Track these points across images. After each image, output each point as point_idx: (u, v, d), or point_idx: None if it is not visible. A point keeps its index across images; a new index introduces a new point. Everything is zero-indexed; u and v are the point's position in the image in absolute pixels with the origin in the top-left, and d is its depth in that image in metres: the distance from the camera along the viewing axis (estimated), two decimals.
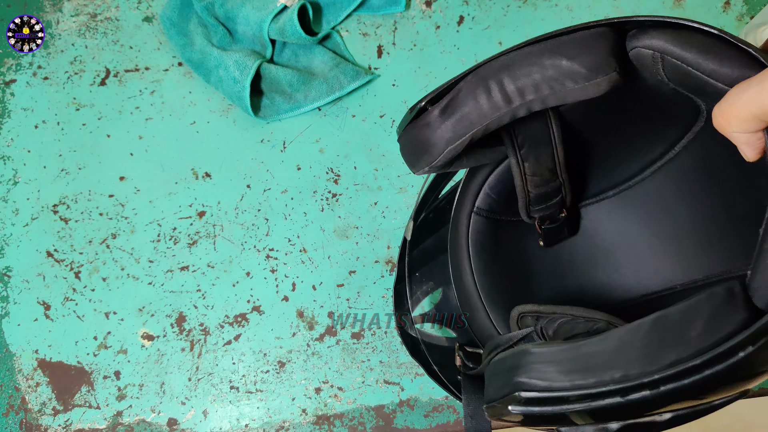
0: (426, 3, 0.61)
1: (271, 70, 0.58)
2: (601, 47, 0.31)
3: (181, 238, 0.56)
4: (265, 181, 0.57)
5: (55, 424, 0.53)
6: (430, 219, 0.48)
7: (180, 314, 0.55)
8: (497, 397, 0.29)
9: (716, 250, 0.40)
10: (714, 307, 0.25)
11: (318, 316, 0.54)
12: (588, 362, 0.26)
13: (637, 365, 0.25)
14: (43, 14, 0.62)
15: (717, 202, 0.39)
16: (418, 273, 0.50)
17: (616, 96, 0.32)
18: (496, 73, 0.32)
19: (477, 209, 0.42)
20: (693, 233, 0.41)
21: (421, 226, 0.47)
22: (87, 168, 0.58)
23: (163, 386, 0.53)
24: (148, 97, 0.59)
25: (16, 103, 0.59)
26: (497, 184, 0.42)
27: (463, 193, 0.43)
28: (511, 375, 0.28)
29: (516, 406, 0.27)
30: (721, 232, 0.39)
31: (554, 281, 0.47)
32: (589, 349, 0.26)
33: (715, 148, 0.36)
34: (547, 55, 0.31)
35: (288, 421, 0.53)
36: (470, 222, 0.42)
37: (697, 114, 0.35)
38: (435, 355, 0.46)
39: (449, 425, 0.52)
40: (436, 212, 0.48)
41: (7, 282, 0.56)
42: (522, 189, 0.39)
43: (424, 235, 0.48)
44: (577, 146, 0.40)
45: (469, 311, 0.43)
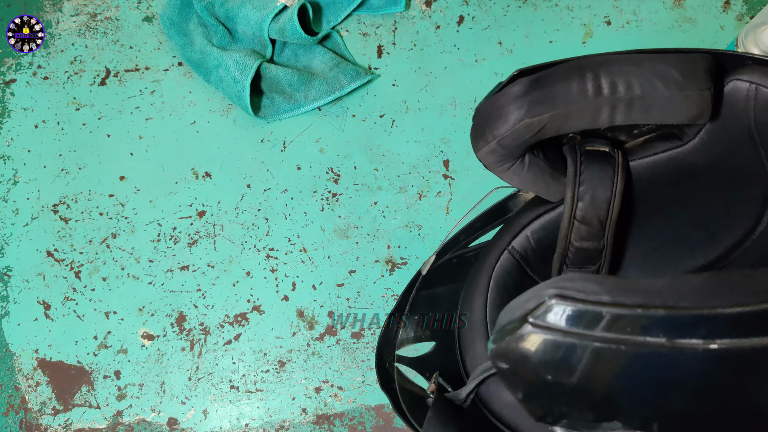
0: (426, 3, 0.61)
1: (271, 70, 0.58)
2: (701, 65, 0.31)
3: (181, 238, 0.56)
4: (265, 180, 0.57)
5: (55, 423, 0.53)
6: (452, 264, 0.47)
7: (180, 314, 0.55)
8: (516, 317, 0.25)
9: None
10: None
11: (318, 316, 0.54)
12: (635, 286, 0.23)
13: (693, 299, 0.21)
14: (43, 14, 0.62)
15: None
16: (417, 315, 0.48)
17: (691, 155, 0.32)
18: (594, 65, 0.32)
19: (511, 248, 0.41)
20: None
21: (439, 267, 0.46)
22: (87, 168, 0.58)
23: (163, 386, 0.53)
24: (148, 97, 0.59)
25: (16, 102, 0.59)
26: (539, 231, 0.41)
27: (501, 234, 0.42)
28: (540, 290, 0.24)
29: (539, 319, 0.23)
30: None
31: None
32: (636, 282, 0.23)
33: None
34: (648, 59, 0.31)
35: (288, 421, 0.53)
36: (500, 258, 0.41)
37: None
38: (406, 398, 0.45)
39: None
40: (460, 260, 0.47)
41: (7, 282, 0.56)
42: (565, 236, 0.38)
43: (438, 279, 0.47)
44: (633, 212, 0.39)
45: (469, 340, 0.42)
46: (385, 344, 0.46)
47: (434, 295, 0.47)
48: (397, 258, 0.55)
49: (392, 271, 0.55)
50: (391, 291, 0.54)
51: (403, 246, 0.55)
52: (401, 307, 0.46)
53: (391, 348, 0.46)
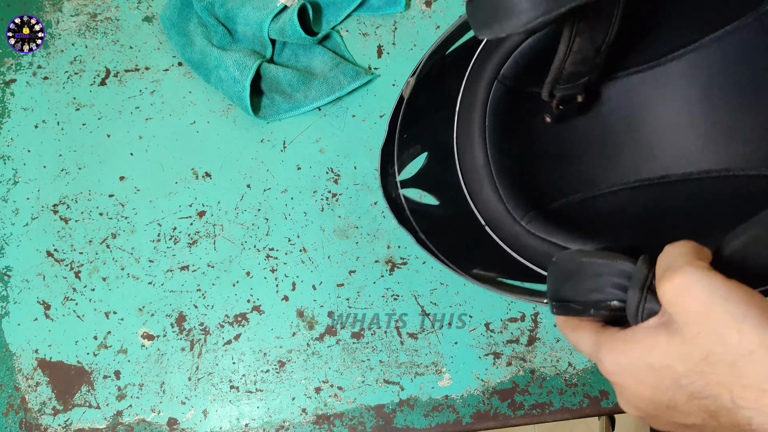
0: (426, 3, 0.61)
1: (271, 70, 0.58)
2: None
3: (181, 238, 0.56)
4: (265, 180, 0.57)
5: (55, 423, 0.53)
6: (433, 76, 0.44)
7: (180, 314, 0.55)
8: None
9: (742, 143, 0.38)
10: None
11: (318, 316, 0.54)
12: None
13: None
14: (43, 14, 0.62)
15: (754, 100, 0.37)
16: (406, 134, 0.46)
17: None
18: None
19: (502, 77, 0.39)
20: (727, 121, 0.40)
21: (420, 84, 0.43)
22: (87, 168, 0.58)
23: (163, 386, 0.53)
24: (148, 97, 0.59)
25: (16, 103, 0.59)
26: (529, 53, 0.38)
27: (486, 58, 0.39)
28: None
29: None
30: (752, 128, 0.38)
31: (569, 161, 0.45)
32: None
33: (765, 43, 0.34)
34: None
35: (288, 421, 0.53)
36: (492, 90, 0.39)
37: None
38: (421, 223, 0.44)
39: (449, 425, 0.52)
40: (441, 69, 0.44)
41: (7, 282, 0.56)
42: (559, 65, 0.35)
43: (420, 93, 0.44)
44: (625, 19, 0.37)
45: (475, 184, 0.40)
46: (386, 178, 0.45)
47: (417, 108, 0.45)
48: (397, 258, 0.55)
49: (392, 271, 0.55)
50: (391, 291, 0.54)
51: (403, 246, 0.55)
52: (391, 137, 0.44)
53: (392, 178, 0.45)
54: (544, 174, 0.44)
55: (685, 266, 0.25)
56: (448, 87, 0.42)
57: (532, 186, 0.41)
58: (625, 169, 0.43)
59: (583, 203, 0.44)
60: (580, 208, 0.44)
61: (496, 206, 0.40)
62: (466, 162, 0.40)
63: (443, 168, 0.46)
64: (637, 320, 0.27)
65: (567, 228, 0.37)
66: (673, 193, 0.42)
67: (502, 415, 0.52)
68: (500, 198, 0.39)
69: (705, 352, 0.24)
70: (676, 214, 0.41)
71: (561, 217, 0.39)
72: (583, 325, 0.30)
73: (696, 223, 0.39)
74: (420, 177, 0.48)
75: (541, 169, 0.44)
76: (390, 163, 0.45)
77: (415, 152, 0.48)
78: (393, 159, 0.45)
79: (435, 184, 0.48)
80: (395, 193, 0.45)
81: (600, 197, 0.44)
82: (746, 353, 0.23)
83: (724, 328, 0.23)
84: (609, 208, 0.43)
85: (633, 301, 0.27)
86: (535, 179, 0.43)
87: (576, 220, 0.41)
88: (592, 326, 0.30)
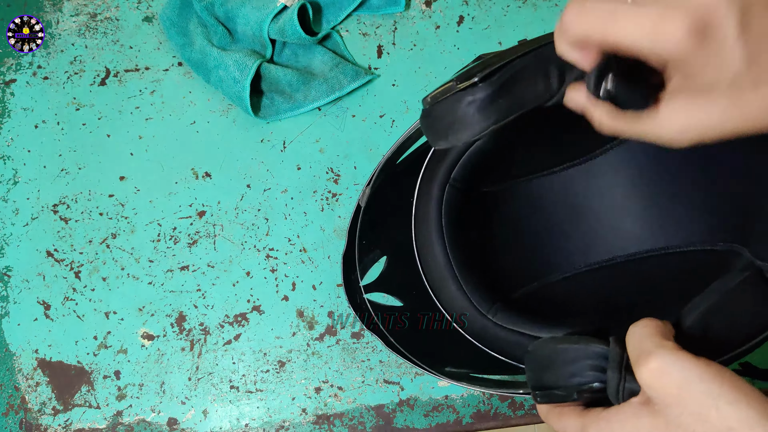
0: (426, 3, 0.61)
1: (271, 70, 0.58)
2: None
3: (181, 238, 0.56)
4: (265, 180, 0.57)
5: (55, 423, 0.53)
6: (386, 183, 0.47)
7: (180, 314, 0.55)
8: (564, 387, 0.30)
9: (698, 221, 0.41)
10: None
11: (318, 316, 0.54)
12: None
13: None
14: (43, 14, 0.62)
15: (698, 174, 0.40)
16: (365, 240, 0.48)
17: None
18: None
19: (453, 180, 0.41)
20: (658, 205, 0.43)
21: (374, 193, 0.46)
22: (87, 168, 0.58)
23: (163, 386, 0.53)
24: (148, 97, 0.59)
25: (16, 103, 0.59)
26: (474, 157, 0.41)
27: (437, 163, 0.41)
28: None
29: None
30: (704, 203, 0.41)
31: (522, 251, 0.47)
32: None
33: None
34: None
35: (288, 421, 0.53)
36: (444, 194, 0.41)
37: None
38: (388, 326, 0.46)
39: (449, 425, 0.52)
40: (394, 176, 0.47)
41: (7, 282, 0.56)
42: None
43: (375, 199, 0.47)
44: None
45: (439, 282, 0.42)
46: (349, 285, 0.47)
47: (372, 216, 0.47)
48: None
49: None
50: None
51: None
52: (351, 244, 0.46)
53: (356, 284, 0.47)
54: (502, 265, 0.47)
55: (656, 350, 0.26)
56: (400, 190, 0.44)
57: (493, 278, 0.43)
58: (575, 256, 0.47)
59: (541, 291, 0.47)
60: (540, 296, 0.46)
61: (462, 302, 0.41)
62: (427, 262, 0.42)
63: (403, 269, 0.47)
64: (618, 399, 0.28)
65: (531, 317, 0.39)
66: (622, 273, 0.46)
67: (502, 415, 0.52)
68: (465, 294, 0.41)
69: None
70: (629, 293, 0.44)
71: (524, 306, 0.41)
72: (566, 411, 0.31)
73: (648, 299, 0.42)
74: (382, 280, 0.50)
75: (498, 260, 0.47)
76: (352, 270, 0.47)
77: (375, 257, 0.50)
78: (355, 265, 0.46)
79: (397, 286, 0.50)
80: (360, 298, 0.47)
81: (556, 284, 0.47)
82: (726, 430, 0.24)
83: (702, 408, 0.24)
84: (566, 294, 0.46)
85: (613, 382, 0.28)
86: (494, 271, 0.44)
87: (538, 308, 0.44)
88: (575, 410, 0.31)
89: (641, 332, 0.28)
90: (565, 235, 0.47)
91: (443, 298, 0.41)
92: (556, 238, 0.47)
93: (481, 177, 0.42)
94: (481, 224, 0.46)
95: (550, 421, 0.32)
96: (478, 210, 0.46)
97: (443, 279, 0.41)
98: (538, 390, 0.31)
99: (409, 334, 0.45)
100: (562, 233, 0.47)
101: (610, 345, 0.29)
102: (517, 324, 0.38)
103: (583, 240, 0.47)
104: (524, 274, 0.47)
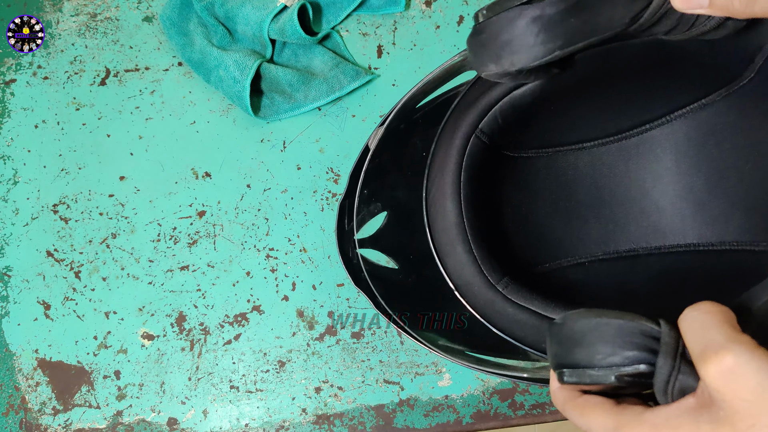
0: (426, 3, 0.61)
1: (271, 69, 0.58)
2: None
3: (181, 238, 0.56)
4: (265, 180, 0.57)
5: (55, 423, 0.53)
6: (401, 130, 0.42)
7: (180, 314, 0.55)
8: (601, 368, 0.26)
9: (737, 218, 0.38)
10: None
11: (318, 316, 0.54)
12: None
13: None
14: (43, 14, 0.62)
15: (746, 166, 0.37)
16: (366, 190, 0.43)
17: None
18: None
19: (480, 131, 0.36)
20: (693, 197, 0.39)
21: (387, 136, 0.40)
22: (87, 168, 0.58)
23: (163, 386, 0.53)
24: (148, 96, 0.59)
25: (16, 103, 0.59)
26: (509, 110, 0.36)
27: (464, 111, 0.37)
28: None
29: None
30: (746, 199, 0.37)
31: (535, 229, 0.43)
32: None
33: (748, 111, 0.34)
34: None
35: (288, 421, 0.53)
36: (468, 143, 0.36)
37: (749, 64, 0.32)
38: (379, 288, 0.41)
39: (449, 425, 0.52)
40: (409, 124, 0.42)
41: (7, 282, 0.56)
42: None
43: (385, 146, 0.42)
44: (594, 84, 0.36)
45: (447, 245, 0.36)
46: (342, 235, 0.42)
47: (381, 164, 0.43)
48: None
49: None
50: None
51: None
52: (351, 191, 0.42)
53: (349, 236, 0.42)
54: (516, 238, 0.43)
55: (730, 344, 0.22)
56: (413, 145, 0.40)
57: (506, 249, 0.39)
58: (591, 243, 0.43)
59: (555, 272, 0.43)
60: (553, 277, 0.43)
61: (469, 269, 0.36)
62: (435, 220, 0.37)
63: (404, 231, 0.44)
64: (667, 393, 0.24)
65: (544, 295, 0.35)
66: (644, 266, 0.41)
67: (502, 415, 0.52)
68: (474, 260, 0.36)
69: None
70: (649, 286, 0.40)
71: (536, 284, 0.37)
72: (592, 403, 0.26)
73: (671, 293, 0.39)
74: (378, 238, 0.45)
75: (511, 234, 0.43)
76: (349, 219, 0.42)
77: (375, 210, 0.45)
78: (352, 214, 0.42)
79: (394, 247, 0.45)
80: (352, 251, 0.43)
81: (569, 268, 0.43)
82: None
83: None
84: (581, 279, 0.43)
85: (664, 370, 0.24)
86: (508, 242, 0.41)
87: (551, 288, 0.39)
88: (604, 404, 0.25)
89: (706, 319, 0.23)
90: (583, 220, 0.43)
91: (449, 263, 0.36)
92: (573, 221, 0.43)
93: (510, 134, 0.38)
94: (499, 191, 0.42)
95: (570, 413, 0.27)
96: (500, 175, 0.41)
97: (452, 241, 0.36)
98: (567, 368, 0.26)
99: (400, 301, 0.40)
100: (580, 217, 0.43)
101: (662, 326, 0.25)
102: (528, 300, 0.34)
103: (603, 227, 0.42)
104: (537, 253, 0.43)
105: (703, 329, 0.23)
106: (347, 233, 0.43)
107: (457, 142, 0.36)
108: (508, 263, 0.37)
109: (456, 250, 0.36)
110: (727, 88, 0.36)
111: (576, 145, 0.43)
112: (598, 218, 0.43)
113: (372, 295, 0.41)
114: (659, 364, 0.24)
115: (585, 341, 0.26)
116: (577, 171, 0.43)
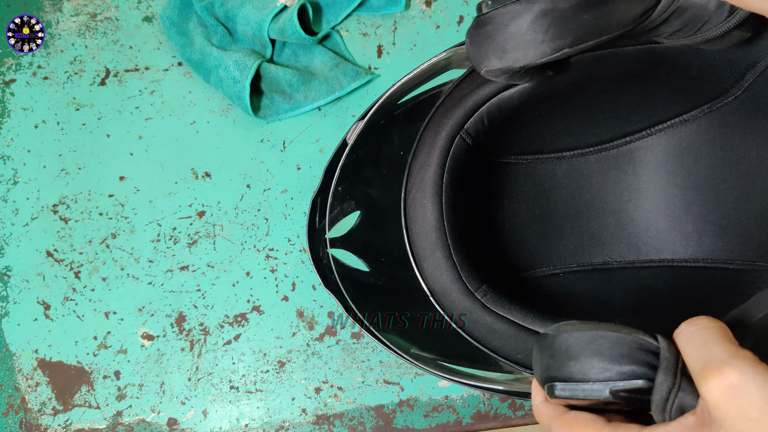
0: (426, 3, 0.61)
1: (271, 70, 0.58)
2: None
3: (181, 238, 0.56)
4: (265, 180, 0.57)
5: (55, 423, 0.53)
6: (380, 125, 0.40)
7: (180, 314, 0.55)
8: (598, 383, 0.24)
9: (711, 235, 0.38)
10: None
11: (318, 316, 0.54)
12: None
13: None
14: (43, 14, 0.62)
15: (724, 186, 0.37)
16: (341, 186, 0.41)
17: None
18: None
19: (465, 132, 0.35)
20: (691, 210, 0.39)
21: (366, 131, 0.39)
22: (87, 168, 0.58)
23: (163, 386, 0.53)
24: (148, 97, 0.59)
25: (16, 103, 0.59)
26: (495, 112, 0.35)
27: (449, 108, 0.35)
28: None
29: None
30: (723, 218, 0.37)
31: (518, 236, 0.43)
32: None
33: (735, 129, 0.34)
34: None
35: (288, 421, 0.53)
36: (453, 144, 0.35)
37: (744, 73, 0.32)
38: (349, 291, 0.39)
39: (449, 425, 0.52)
40: (389, 119, 0.40)
41: (7, 282, 0.56)
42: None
43: (364, 142, 0.40)
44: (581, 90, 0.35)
45: (425, 248, 0.35)
46: (313, 233, 0.40)
47: (357, 159, 0.41)
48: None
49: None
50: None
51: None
52: (325, 187, 0.40)
53: (320, 234, 0.40)
54: (491, 247, 0.42)
55: (732, 360, 0.21)
56: (390, 142, 0.39)
57: (484, 258, 0.38)
58: (565, 253, 0.42)
59: (531, 281, 0.42)
60: (530, 286, 0.42)
61: (447, 275, 0.34)
62: (415, 221, 0.35)
63: (379, 231, 0.42)
64: (664, 411, 0.23)
65: (523, 305, 0.33)
66: (618, 278, 0.41)
67: (502, 416, 0.52)
68: (453, 265, 0.34)
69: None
70: (624, 298, 0.40)
71: (514, 293, 0.36)
72: (581, 421, 0.24)
73: (646, 306, 0.38)
74: (350, 237, 0.43)
75: (488, 242, 0.42)
76: (321, 216, 0.40)
77: (348, 208, 0.43)
78: (324, 211, 0.40)
79: (367, 248, 0.43)
80: (323, 251, 0.41)
81: (544, 278, 0.42)
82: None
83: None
84: (555, 289, 0.42)
85: (664, 387, 0.23)
86: (484, 251, 0.39)
87: (529, 298, 0.38)
88: (595, 423, 0.24)
89: (706, 334, 0.22)
90: (559, 230, 0.42)
91: (426, 268, 0.34)
92: (548, 231, 0.43)
93: (493, 137, 0.37)
94: (479, 193, 0.41)
95: (558, 430, 0.25)
96: (480, 176, 0.40)
97: (430, 245, 0.34)
98: (559, 381, 0.25)
99: (371, 305, 0.39)
100: (556, 227, 0.42)
101: (660, 341, 0.24)
102: (507, 310, 0.33)
103: (578, 238, 0.42)
104: (514, 261, 0.43)
105: (703, 344, 0.22)
106: (318, 231, 0.41)
107: (441, 142, 0.35)
108: (486, 271, 0.36)
109: (434, 255, 0.34)
110: (711, 105, 0.35)
111: (555, 154, 0.42)
112: (574, 229, 0.42)
113: (342, 298, 0.39)
114: (659, 380, 0.23)
115: (580, 354, 0.24)
116: (555, 180, 0.42)
